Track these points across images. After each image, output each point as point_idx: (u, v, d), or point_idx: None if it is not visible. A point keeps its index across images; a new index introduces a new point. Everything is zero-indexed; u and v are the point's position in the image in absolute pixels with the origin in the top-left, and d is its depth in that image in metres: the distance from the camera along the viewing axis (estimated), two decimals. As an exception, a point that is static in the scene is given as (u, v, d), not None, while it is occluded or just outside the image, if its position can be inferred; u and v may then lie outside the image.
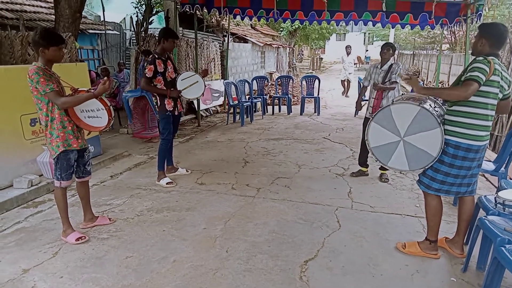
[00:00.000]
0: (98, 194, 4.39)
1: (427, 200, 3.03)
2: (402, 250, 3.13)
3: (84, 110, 3.22)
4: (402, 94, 3.32)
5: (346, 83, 13.46)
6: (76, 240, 3.24)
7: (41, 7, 10.04)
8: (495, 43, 2.74)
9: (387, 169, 4.85)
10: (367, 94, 5.75)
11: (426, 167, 2.89)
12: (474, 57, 2.77)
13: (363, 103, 5.83)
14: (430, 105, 2.94)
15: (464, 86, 2.60)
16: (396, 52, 27.77)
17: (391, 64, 4.76)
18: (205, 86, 4.79)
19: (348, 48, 13.27)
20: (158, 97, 4.56)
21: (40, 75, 2.92)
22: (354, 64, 14.75)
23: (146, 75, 4.39)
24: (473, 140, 2.73)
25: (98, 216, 3.65)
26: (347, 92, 13.41)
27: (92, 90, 3.18)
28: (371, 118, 3.03)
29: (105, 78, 3.32)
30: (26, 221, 3.72)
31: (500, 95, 2.72)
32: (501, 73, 2.67)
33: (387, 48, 4.75)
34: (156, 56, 4.44)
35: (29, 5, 9.68)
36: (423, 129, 2.80)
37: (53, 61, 3.09)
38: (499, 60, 2.75)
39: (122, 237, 3.37)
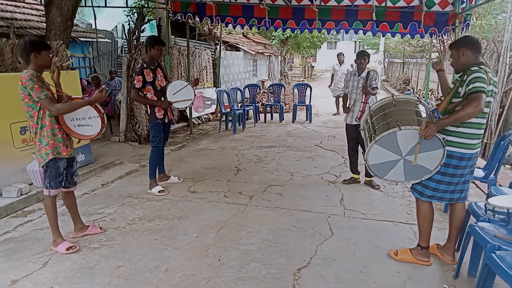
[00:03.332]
0: (89, 203, 4.35)
1: (418, 205, 3.06)
2: (394, 257, 3.14)
3: (74, 118, 3.20)
4: (392, 96, 3.27)
5: (341, 100, 11.44)
6: (66, 250, 3.20)
7: (32, 14, 9.98)
8: (475, 49, 2.79)
9: (372, 176, 4.88)
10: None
11: (422, 179, 2.90)
12: (466, 68, 2.74)
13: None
14: (428, 115, 2.91)
15: (474, 101, 2.54)
16: (386, 60, 28.14)
17: (369, 72, 4.84)
18: (194, 95, 4.79)
19: (340, 56, 10.84)
20: (148, 105, 4.55)
21: (34, 81, 2.92)
22: None
23: (135, 86, 4.38)
24: (466, 148, 2.76)
25: (88, 225, 3.61)
26: (338, 110, 11.10)
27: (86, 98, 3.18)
28: (373, 141, 2.87)
29: (103, 86, 3.32)
30: (15, 230, 3.66)
31: (493, 100, 2.76)
32: (492, 79, 2.69)
33: (364, 58, 4.84)
34: (145, 66, 4.43)
35: (19, 13, 9.62)
36: (427, 150, 2.76)
37: (44, 66, 3.08)
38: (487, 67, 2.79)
39: (113, 246, 3.34)
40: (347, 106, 5.03)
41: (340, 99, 10.60)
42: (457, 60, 2.86)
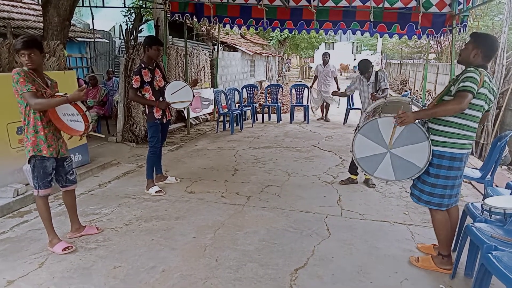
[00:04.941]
0: (86, 203, 4.33)
1: (431, 215, 2.99)
2: (415, 264, 3.05)
3: (66, 114, 3.17)
4: (385, 98, 3.31)
5: (324, 105, 10.15)
6: (62, 250, 3.18)
7: (29, 14, 9.96)
8: (488, 55, 2.71)
9: None
10: (357, 103, 5.74)
11: (412, 177, 2.88)
12: (464, 67, 2.72)
13: (356, 111, 5.76)
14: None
15: (458, 98, 2.54)
16: (384, 61, 28.24)
17: (376, 73, 4.85)
18: (193, 96, 4.79)
19: (325, 56, 9.71)
20: (146, 105, 4.54)
21: (21, 75, 2.91)
22: (334, 77, 9.76)
23: (133, 86, 4.37)
24: (456, 148, 2.72)
25: (85, 226, 3.59)
26: (326, 114, 10.20)
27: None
28: (357, 130, 2.96)
29: (83, 85, 3.22)
30: (12, 231, 3.65)
31: (486, 107, 2.69)
32: (489, 84, 2.63)
33: (369, 72, 4.86)
34: (143, 66, 4.42)
35: (17, 12, 9.60)
36: (411, 142, 2.77)
37: (27, 66, 2.97)
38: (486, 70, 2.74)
39: (110, 247, 3.33)
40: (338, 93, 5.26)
41: (325, 103, 10.03)
42: (468, 55, 2.74)
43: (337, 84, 9.84)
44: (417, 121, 2.74)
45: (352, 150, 2.99)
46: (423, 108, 3.12)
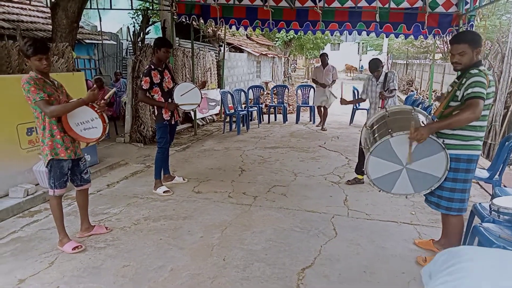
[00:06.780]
0: (95, 203, 4.38)
1: (448, 219, 2.98)
2: (423, 264, 3.03)
3: (79, 123, 3.20)
4: (386, 109, 3.26)
5: (322, 109, 8.97)
6: (72, 250, 3.23)
7: (38, 17, 10.07)
8: (481, 46, 2.72)
9: None
10: (363, 103, 5.75)
11: (433, 188, 2.85)
12: (467, 69, 2.68)
13: (362, 111, 5.72)
14: (422, 122, 2.91)
15: (471, 108, 2.51)
16: (390, 61, 28.12)
17: (386, 74, 4.87)
18: (201, 97, 4.82)
19: (324, 56, 8.72)
20: (155, 106, 4.59)
21: (31, 84, 2.94)
22: (333, 81, 8.73)
23: (143, 87, 4.42)
24: (472, 150, 2.72)
25: (94, 225, 3.64)
26: (323, 123, 9.06)
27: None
28: (369, 153, 2.88)
29: (94, 86, 3.26)
30: (22, 230, 3.70)
31: (492, 102, 2.71)
32: (491, 81, 2.63)
33: (378, 70, 4.89)
34: (152, 67, 4.47)
35: (26, 15, 9.71)
36: (427, 155, 2.74)
37: (38, 70, 3.01)
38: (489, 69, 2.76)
39: (119, 246, 3.37)
40: (348, 102, 5.06)
41: (322, 108, 8.97)
42: (470, 59, 2.68)
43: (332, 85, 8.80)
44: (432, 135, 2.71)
45: (366, 172, 2.94)
46: (428, 115, 3.10)
